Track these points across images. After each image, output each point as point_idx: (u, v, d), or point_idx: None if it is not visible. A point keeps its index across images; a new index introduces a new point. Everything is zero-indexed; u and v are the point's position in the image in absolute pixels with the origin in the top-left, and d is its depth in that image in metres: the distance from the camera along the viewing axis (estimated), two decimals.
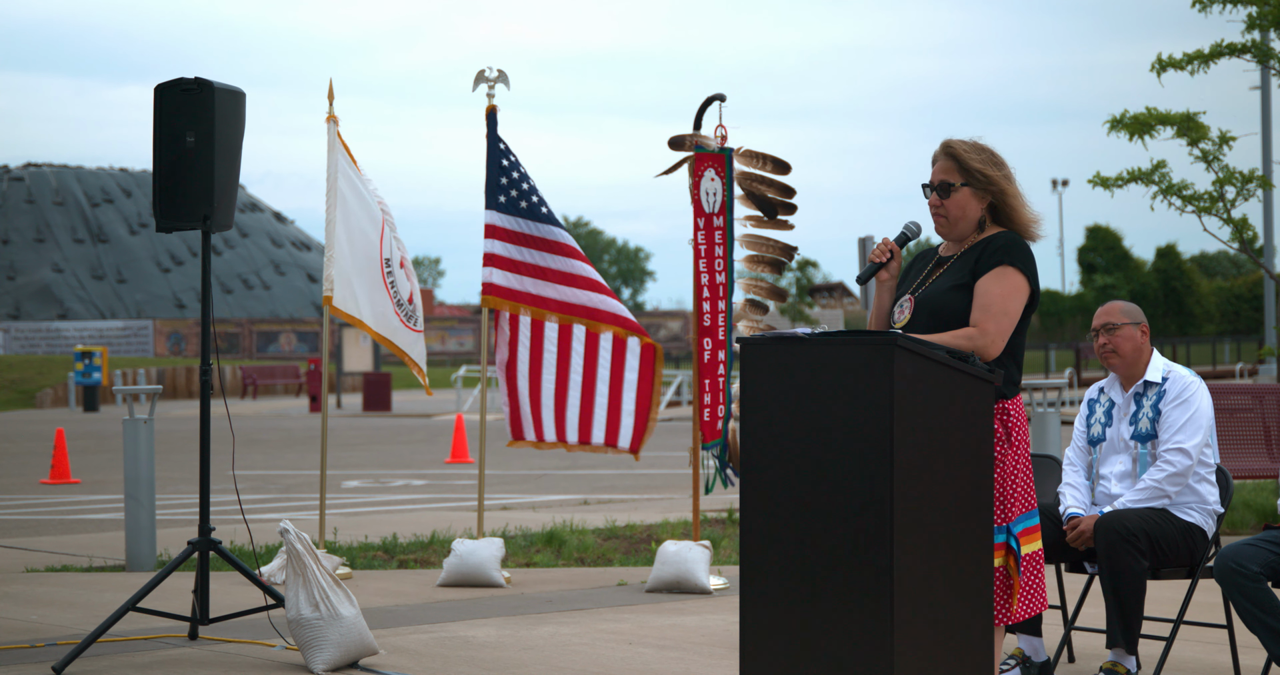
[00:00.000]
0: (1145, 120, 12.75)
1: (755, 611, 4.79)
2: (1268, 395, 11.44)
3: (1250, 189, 12.91)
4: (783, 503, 4.74)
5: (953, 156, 5.31)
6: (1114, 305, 6.61)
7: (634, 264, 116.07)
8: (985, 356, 5.12)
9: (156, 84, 7.08)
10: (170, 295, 75.58)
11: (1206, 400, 6.43)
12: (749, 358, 4.84)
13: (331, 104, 9.51)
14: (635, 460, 9.72)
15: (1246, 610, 5.87)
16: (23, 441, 26.36)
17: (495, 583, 9.09)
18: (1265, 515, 11.50)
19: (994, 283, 5.18)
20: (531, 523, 12.40)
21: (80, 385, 40.39)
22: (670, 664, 6.78)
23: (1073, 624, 6.72)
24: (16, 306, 72.36)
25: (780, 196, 8.86)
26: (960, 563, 4.77)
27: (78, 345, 46.48)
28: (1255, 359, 44.55)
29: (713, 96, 8.85)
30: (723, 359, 8.80)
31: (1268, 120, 28.84)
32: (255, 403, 45.42)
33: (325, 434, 9.77)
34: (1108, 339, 6.50)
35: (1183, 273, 71.04)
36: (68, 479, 17.40)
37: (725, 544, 10.80)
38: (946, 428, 4.75)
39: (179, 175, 7.04)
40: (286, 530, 6.48)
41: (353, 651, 6.61)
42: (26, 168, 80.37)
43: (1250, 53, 13.33)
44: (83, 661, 6.77)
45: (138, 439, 9.85)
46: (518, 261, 9.27)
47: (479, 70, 9.39)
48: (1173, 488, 6.31)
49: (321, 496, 9.74)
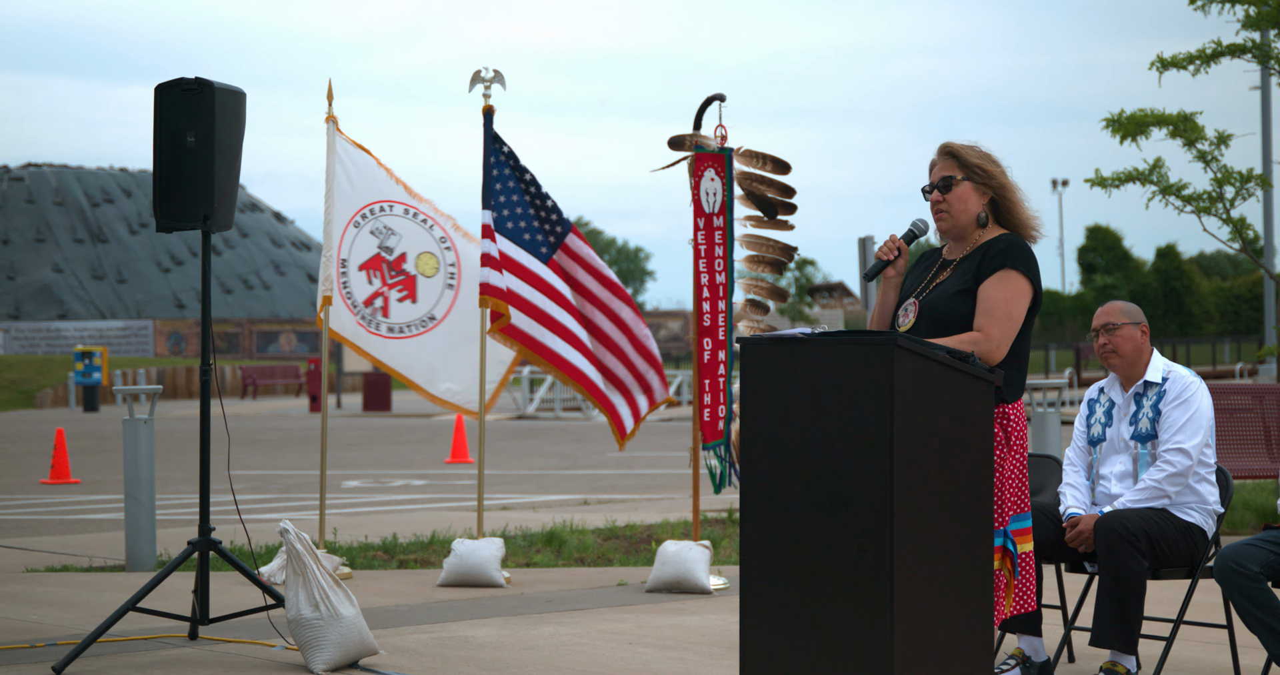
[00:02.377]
0: (1141, 120, 12.74)
1: (755, 611, 4.79)
2: (1268, 395, 11.44)
3: (1250, 189, 12.90)
4: (783, 503, 4.74)
5: (950, 154, 5.36)
6: (1114, 305, 6.61)
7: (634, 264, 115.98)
8: (990, 360, 5.12)
9: (157, 84, 7.09)
10: (170, 295, 75.57)
11: (1207, 400, 6.43)
12: (749, 358, 4.84)
13: (331, 104, 9.52)
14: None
15: (1246, 610, 5.87)
16: (23, 441, 26.36)
17: (495, 583, 9.09)
18: (1265, 515, 11.50)
19: (997, 287, 5.19)
20: (531, 523, 12.40)
21: (80, 385, 40.38)
22: (670, 664, 6.78)
23: (1073, 624, 6.72)
24: (16, 306, 72.34)
25: (780, 196, 8.85)
26: (960, 563, 4.77)
27: (78, 345, 46.48)
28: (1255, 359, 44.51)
29: (712, 96, 8.85)
30: (723, 359, 8.79)
31: (1268, 120, 28.84)
32: (255, 403, 45.42)
33: (325, 434, 9.77)
34: (1108, 339, 6.50)
35: (1183, 273, 71.02)
36: (68, 479, 17.39)
37: (725, 544, 10.79)
38: (946, 428, 4.75)
39: (179, 175, 7.04)
40: (286, 530, 6.48)
41: (353, 651, 6.61)
42: (26, 168, 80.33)
43: (1250, 53, 13.33)
44: (83, 661, 6.77)
45: (138, 439, 9.85)
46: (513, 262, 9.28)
47: (475, 71, 9.40)
48: (1173, 488, 6.31)
49: (321, 496, 9.74)
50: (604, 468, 19.57)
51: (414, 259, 9.70)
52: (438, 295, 9.73)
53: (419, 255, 9.72)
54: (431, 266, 9.68)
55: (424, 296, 9.72)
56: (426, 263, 9.70)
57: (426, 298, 9.72)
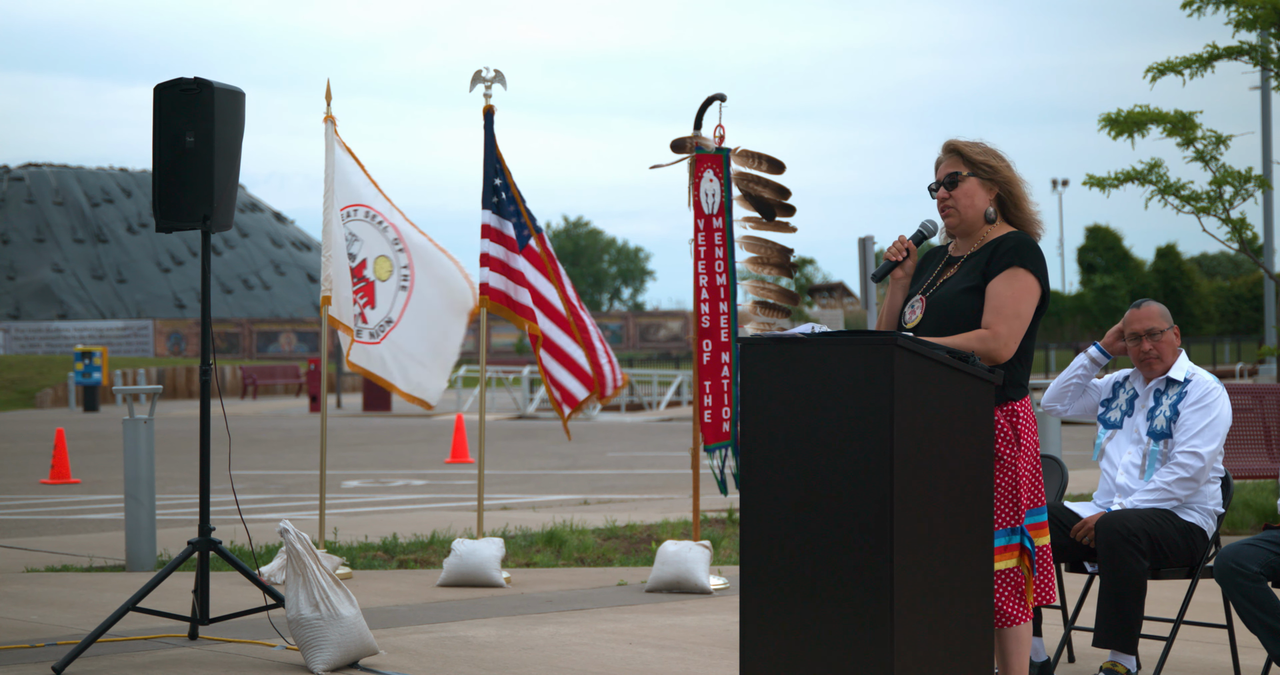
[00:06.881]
0: (1138, 118, 12.74)
1: (755, 611, 4.79)
2: (1268, 395, 11.43)
3: (1249, 189, 12.90)
4: (783, 503, 4.74)
5: (955, 151, 5.36)
6: (1151, 309, 6.54)
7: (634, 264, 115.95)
8: (998, 359, 5.11)
9: (156, 84, 7.09)
10: (170, 295, 75.58)
11: (1227, 408, 6.41)
12: (749, 358, 4.84)
13: (329, 104, 9.51)
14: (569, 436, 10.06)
15: (1246, 610, 5.87)
16: (23, 441, 26.35)
17: (495, 583, 9.09)
18: (1265, 515, 11.51)
19: (1005, 285, 5.19)
20: (531, 523, 12.40)
21: (80, 385, 40.38)
22: (670, 664, 6.78)
23: (1073, 624, 6.72)
24: (16, 306, 72.35)
25: (776, 197, 8.84)
26: (960, 563, 4.77)
27: (78, 345, 46.48)
28: (1255, 359, 44.54)
29: (713, 96, 8.85)
30: (726, 360, 8.78)
31: (1267, 120, 28.85)
32: (255, 403, 45.42)
33: (325, 434, 9.78)
34: (1152, 345, 6.47)
35: (1183, 273, 71.00)
36: (68, 479, 17.39)
37: (725, 544, 10.80)
38: (946, 428, 4.75)
39: (179, 175, 7.04)
40: (286, 530, 6.48)
41: (353, 651, 6.61)
42: (27, 168, 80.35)
43: (1248, 55, 13.32)
44: (83, 661, 6.77)
45: (138, 439, 9.85)
46: (508, 265, 9.30)
47: (476, 70, 9.40)
48: (1183, 492, 6.31)
49: (321, 496, 9.74)
50: (604, 468, 19.57)
51: (372, 264, 9.67)
52: (392, 298, 9.69)
53: (376, 259, 9.68)
54: (386, 270, 9.66)
55: (381, 301, 9.69)
56: (382, 267, 9.67)
57: (383, 302, 9.70)
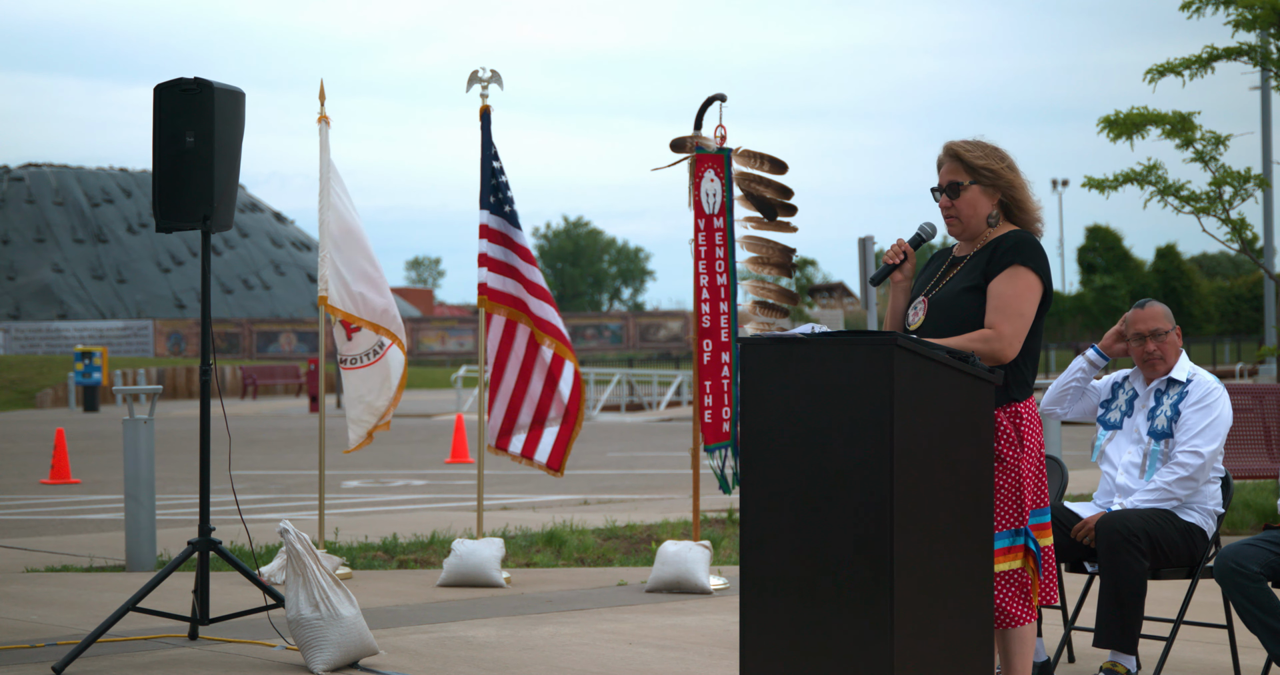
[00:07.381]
0: (1137, 120, 12.74)
1: (755, 611, 4.79)
2: (1268, 395, 11.43)
3: (1248, 189, 12.90)
4: (783, 503, 4.74)
5: (956, 157, 5.34)
6: (1155, 309, 6.53)
7: (634, 264, 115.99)
8: (1002, 359, 5.10)
9: (156, 84, 7.08)
10: (170, 295, 75.56)
11: (1228, 409, 6.41)
12: (749, 358, 4.84)
13: (323, 105, 9.50)
14: (559, 476, 9.49)
15: (1246, 610, 5.87)
16: (23, 441, 26.35)
17: (495, 583, 9.09)
18: (1265, 515, 11.51)
19: (1007, 284, 5.17)
20: (531, 523, 12.40)
21: (80, 385, 40.38)
22: (670, 664, 6.78)
23: (1073, 624, 6.72)
24: (16, 306, 72.33)
25: (778, 197, 8.85)
26: (960, 563, 4.77)
27: (78, 345, 46.49)
28: (1255, 359, 44.51)
29: (713, 96, 8.84)
30: (726, 361, 8.78)
31: (1267, 120, 28.85)
32: (255, 403, 45.41)
33: (324, 434, 9.77)
34: (1157, 346, 6.47)
35: (1182, 273, 71.00)
36: (68, 479, 17.40)
37: (725, 544, 10.80)
38: (946, 428, 4.75)
39: (179, 175, 7.04)
40: (286, 530, 6.48)
41: (353, 651, 6.61)
42: (27, 168, 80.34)
43: (1247, 56, 13.32)
44: (83, 661, 6.77)
45: (138, 439, 9.85)
46: (504, 263, 9.29)
47: (473, 70, 9.40)
48: (1183, 491, 6.31)
49: (321, 496, 9.74)
50: (604, 468, 19.57)
51: None
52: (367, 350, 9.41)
53: None
54: None
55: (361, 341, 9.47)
56: None
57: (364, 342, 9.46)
